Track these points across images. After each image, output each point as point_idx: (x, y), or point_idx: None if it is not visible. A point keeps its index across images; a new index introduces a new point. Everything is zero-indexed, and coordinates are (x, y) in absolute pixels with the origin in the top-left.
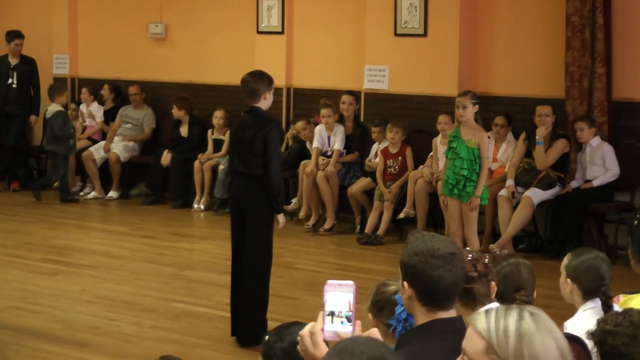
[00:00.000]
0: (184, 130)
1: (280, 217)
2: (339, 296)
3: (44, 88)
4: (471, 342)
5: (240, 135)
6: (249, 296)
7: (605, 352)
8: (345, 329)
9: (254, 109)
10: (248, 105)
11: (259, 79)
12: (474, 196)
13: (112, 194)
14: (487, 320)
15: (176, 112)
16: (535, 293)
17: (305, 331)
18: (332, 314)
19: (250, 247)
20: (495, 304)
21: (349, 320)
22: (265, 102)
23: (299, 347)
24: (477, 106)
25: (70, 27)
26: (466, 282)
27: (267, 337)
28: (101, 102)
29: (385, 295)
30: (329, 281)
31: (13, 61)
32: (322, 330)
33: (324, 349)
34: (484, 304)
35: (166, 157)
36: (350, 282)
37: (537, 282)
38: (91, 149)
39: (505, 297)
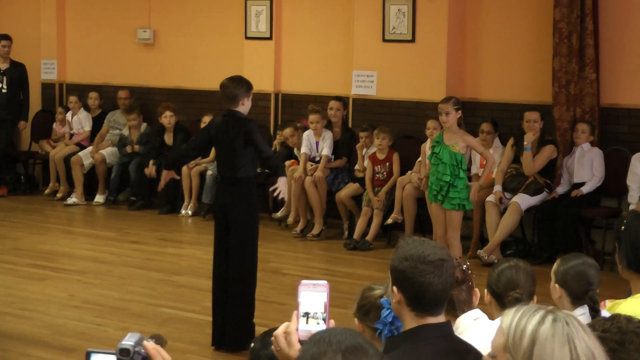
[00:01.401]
0: (168, 138)
1: (281, 181)
2: (314, 296)
3: (33, 93)
4: (495, 338)
5: (221, 137)
6: (236, 302)
7: None
8: (319, 329)
9: (232, 112)
10: (226, 109)
11: (238, 85)
12: (479, 184)
13: (99, 198)
14: (512, 318)
15: (169, 119)
16: (535, 299)
17: (279, 331)
18: (307, 314)
19: (237, 252)
20: (477, 311)
21: (323, 320)
22: (244, 108)
23: (272, 347)
24: (460, 112)
25: (59, 32)
26: None
27: (252, 344)
28: (88, 109)
29: (371, 299)
30: (303, 281)
31: (3, 66)
32: (297, 330)
33: (298, 349)
34: (464, 310)
35: (151, 168)
36: (324, 282)
37: None
38: (80, 154)
39: (502, 296)
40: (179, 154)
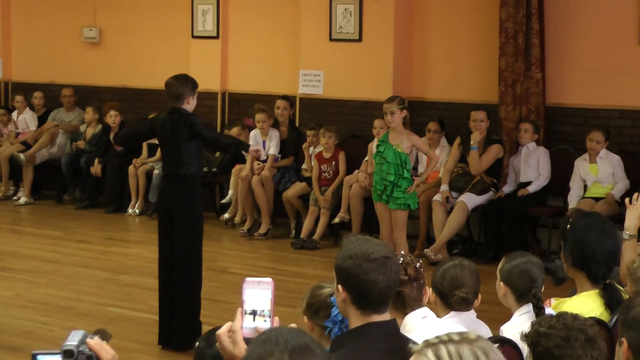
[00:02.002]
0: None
1: (252, 149)
2: (259, 294)
3: None
4: None
5: (165, 134)
6: (182, 301)
7: (537, 354)
8: (265, 326)
9: (177, 109)
10: (171, 107)
11: (183, 83)
12: (420, 180)
13: (21, 194)
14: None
15: (113, 118)
16: (480, 298)
17: (222, 330)
18: (254, 313)
19: (181, 251)
20: (425, 309)
21: (269, 318)
22: (189, 106)
23: (217, 345)
24: (405, 111)
25: (4, 30)
26: None
27: (197, 343)
28: (33, 109)
29: (321, 298)
30: (248, 279)
31: None
32: (241, 328)
33: (243, 347)
34: (413, 308)
35: (97, 167)
36: (269, 280)
37: None
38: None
39: (447, 296)
40: (122, 135)
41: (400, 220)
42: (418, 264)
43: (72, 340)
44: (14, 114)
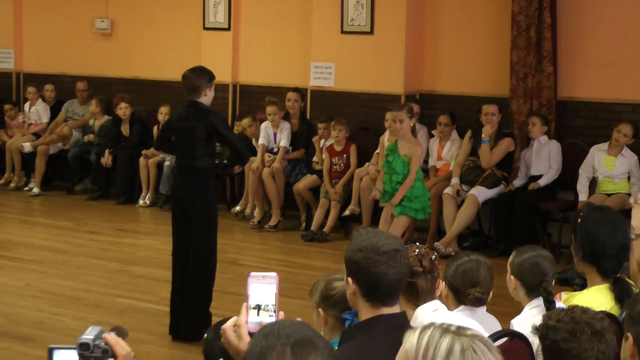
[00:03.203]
0: (125, 129)
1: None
2: (263, 288)
3: None
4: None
5: (181, 126)
6: (194, 292)
7: (546, 347)
8: (269, 321)
9: (195, 102)
10: (188, 100)
11: (199, 75)
12: (390, 203)
13: (33, 185)
14: (417, 344)
15: (124, 110)
16: (491, 294)
17: (228, 325)
18: (258, 307)
19: (196, 242)
20: (437, 302)
21: (274, 312)
22: (206, 99)
23: (222, 339)
24: (413, 119)
25: (15, 21)
26: (410, 276)
27: (206, 334)
28: (44, 100)
29: (340, 290)
30: (253, 273)
31: None
32: (247, 322)
33: (248, 342)
34: (425, 300)
35: (107, 158)
36: (274, 274)
37: None
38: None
39: (461, 291)
40: (157, 141)
41: (401, 223)
42: (433, 256)
43: (89, 335)
44: (26, 105)
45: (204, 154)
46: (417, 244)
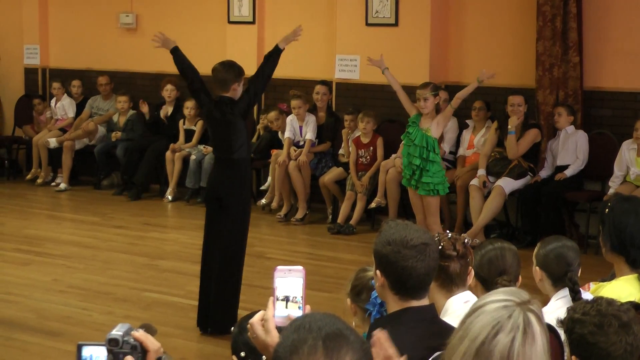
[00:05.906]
0: (164, 111)
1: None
2: (290, 282)
3: (11, 78)
4: (454, 342)
5: (214, 120)
6: (223, 285)
7: (573, 341)
8: (297, 314)
9: (224, 97)
10: (218, 95)
11: (228, 69)
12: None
13: (60, 180)
14: (486, 331)
15: (169, 92)
16: (520, 280)
17: (256, 319)
18: (286, 299)
19: (228, 236)
20: (468, 293)
21: (301, 305)
22: (234, 94)
23: (249, 334)
24: (437, 97)
25: (41, 17)
26: (444, 260)
27: (232, 328)
28: (71, 96)
29: (363, 280)
30: (279, 267)
31: None
32: (274, 316)
33: (275, 335)
34: (457, 285)
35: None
36: (300, 267)
37: None
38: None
39: (489, 281)
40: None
41: (432, 206)
42: (466, 240)
43: (119, 331)
44: (52, 101)
45: (242, 143)
46: (448, 231)
